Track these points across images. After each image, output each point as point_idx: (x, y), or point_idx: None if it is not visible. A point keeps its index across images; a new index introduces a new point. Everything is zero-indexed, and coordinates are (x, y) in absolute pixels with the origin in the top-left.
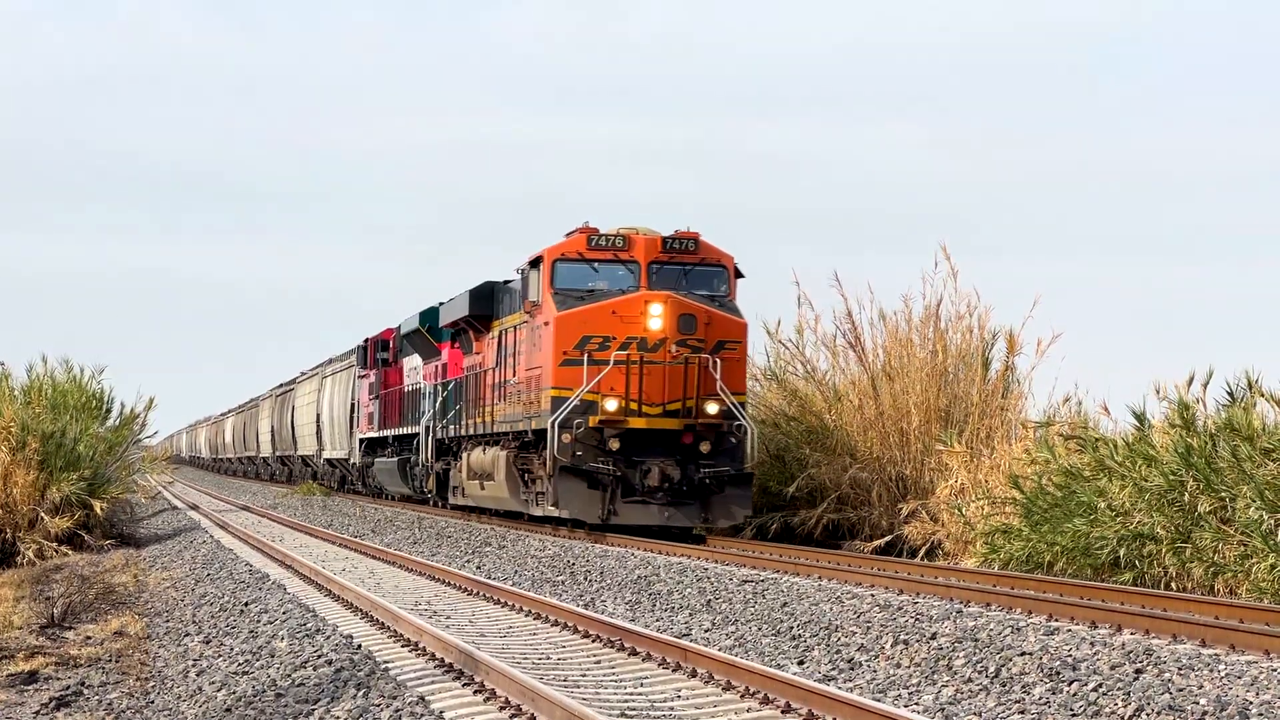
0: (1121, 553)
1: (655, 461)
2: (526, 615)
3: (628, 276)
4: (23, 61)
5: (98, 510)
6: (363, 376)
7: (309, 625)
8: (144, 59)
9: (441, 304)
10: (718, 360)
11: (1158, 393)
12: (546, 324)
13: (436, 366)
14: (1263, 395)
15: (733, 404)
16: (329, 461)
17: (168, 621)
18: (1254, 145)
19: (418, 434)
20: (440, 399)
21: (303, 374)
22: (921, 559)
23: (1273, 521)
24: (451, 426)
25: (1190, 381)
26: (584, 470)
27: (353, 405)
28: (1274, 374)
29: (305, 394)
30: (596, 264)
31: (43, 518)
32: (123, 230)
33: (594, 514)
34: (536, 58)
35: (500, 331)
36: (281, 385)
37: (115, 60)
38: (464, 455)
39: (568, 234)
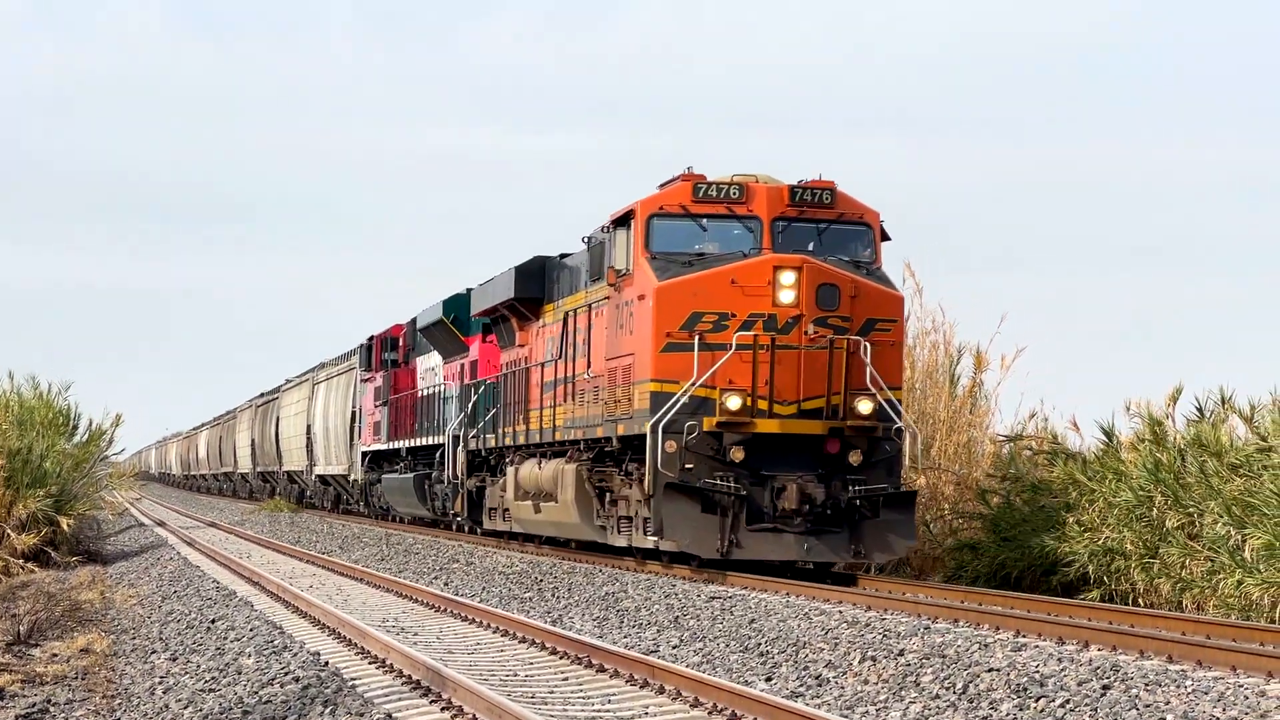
0: (1090, 568)
1: (791, 477)
2: (494, 632)
3: (745, 236)
4: None
5: (64, 527)
6: (366, 380)
7: (276, 642)
8: (113, 70)
9: (470, 289)
10: (868, 344)
11: (1128, 409)
12: (641, 298)
13: (462, 365)
14: (1235, 411)
15: (889, 401)
16: (322, 478)
17: (134, 639)
18: (1222, 158)
19: (440, 445)
20: (470, 403)
21: (289, 381)
22: (888, 574)
23: (1240, 537)
24: (488, 436)
25: (1176, 398)
26: (696, 489)
27: (353, 413)
28: (1244, 389)
29: (292, 403)
30: (705, 220)
31: (9, 534)
32: (91, 244)
33: (710, 546)
34: (515, 70)
35: (564, 315)
36: (263, 395)
37: (82, 72)
38: (509, 470)
39: (662, 185)
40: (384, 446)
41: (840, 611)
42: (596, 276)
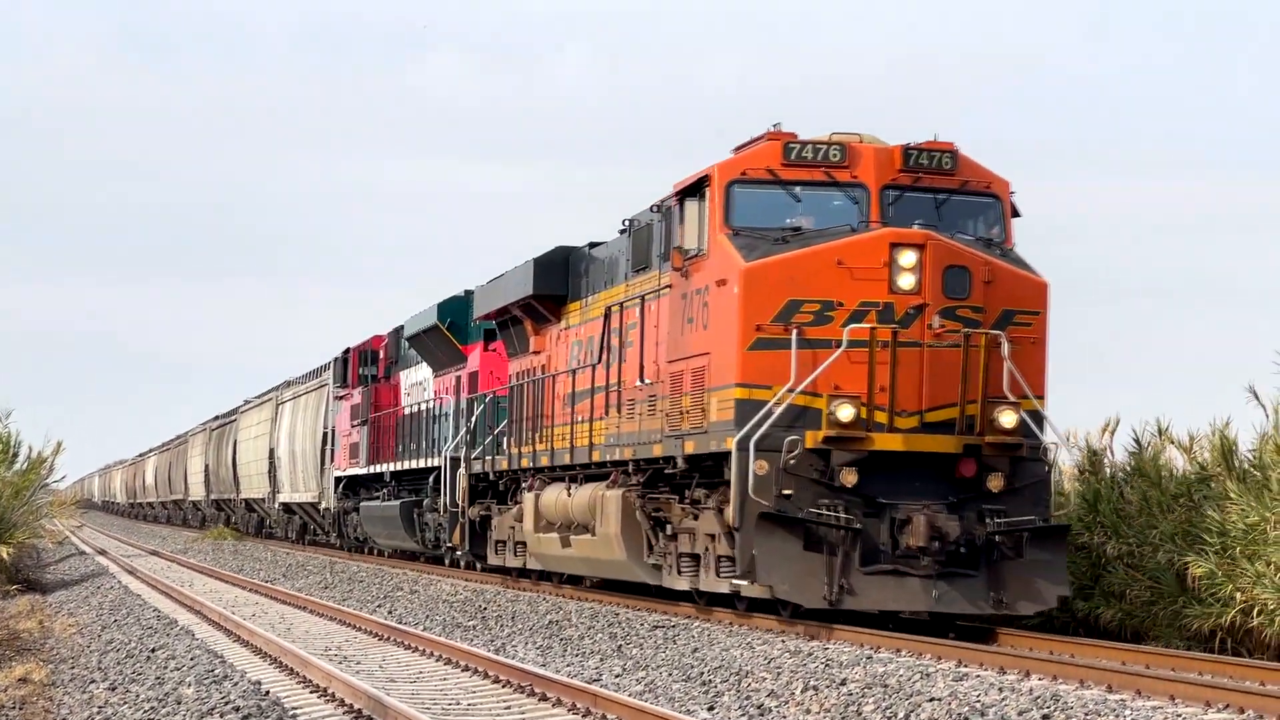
0: None
1: (915, 506)
2: (437, 660)
3: (847, 208)
4: None
5: (3, 555)
6: (342, 397)
7: (217, 671)
8: (51, 98)
9: (469, 291)
10: (1007, 341)
11: (1068, 439)
12: (721, 283)
13: (459, 377)
14: (1172, 442)
15: (1033, 412)
16: (286, 507)
17: (73, 668)
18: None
19: (432, 469)
20: (471, 420)
21: (247, 402)
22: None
23: (1182, 565)
24: (496, 457)
25: (1114, 429)
26: (798, 520)
27: (325, 435)
28: (1181, 421)
29: (252, 424)
30: (798, 188)
31: None
32: (33, 271)
33: (814, 593)
34: (456, 105)
35: (605, 310)
36: (219, 417)
37: (18, 100)
38: (527, 497)
39: (738, 148)
40: (363, 471)
41: (783, 641)
42: (641, 265)
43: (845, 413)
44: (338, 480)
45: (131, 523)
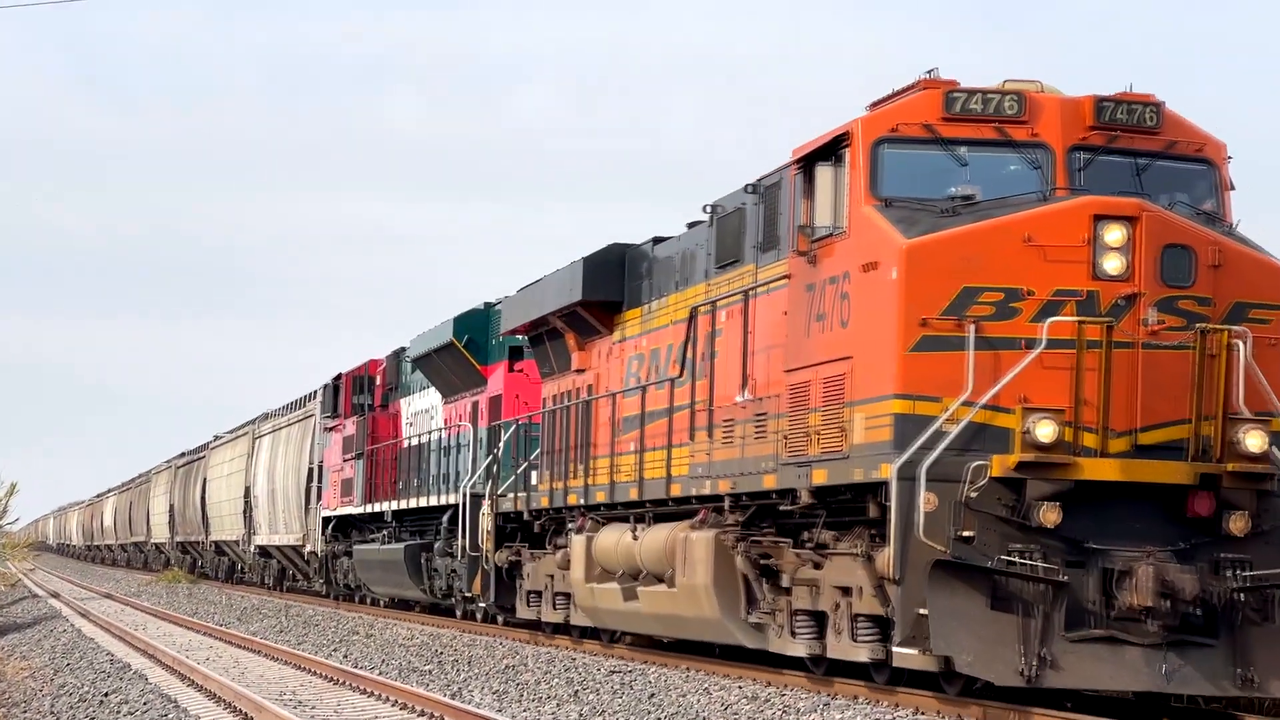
0: None
1: (1137, 554)
2: (393, 705)
3: (1025, 175)
4: None
5: None
6: (333, 428)
7: (170, 717)
8: (15, 134)
9: (490, 304)
10: (1247, 341)
11: None
12: (870, 267)
13: (476, 402)
14: None
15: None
16: (264, 550)
17: (25, 713)
18: None
19: (447, 506)
20: (495, 450)
21: (218, 437)
22: None
23: None
24: (531, 494)
25: None
26: (983, 571)
27: (310, 471)
28: None
29: (224, 461)
30: (963, 148)
31: None
32: None
33: (1008, 665)
34: (422, 140)
35: (693, 311)
36: (185, 454)
37: None
38: (576, 540)
39: (876, 104)
40: (357, 510)
41: (740, 687)
42: (729, 259)
43: (1046, 431)
44: (326, 521)
45: (85, 565)
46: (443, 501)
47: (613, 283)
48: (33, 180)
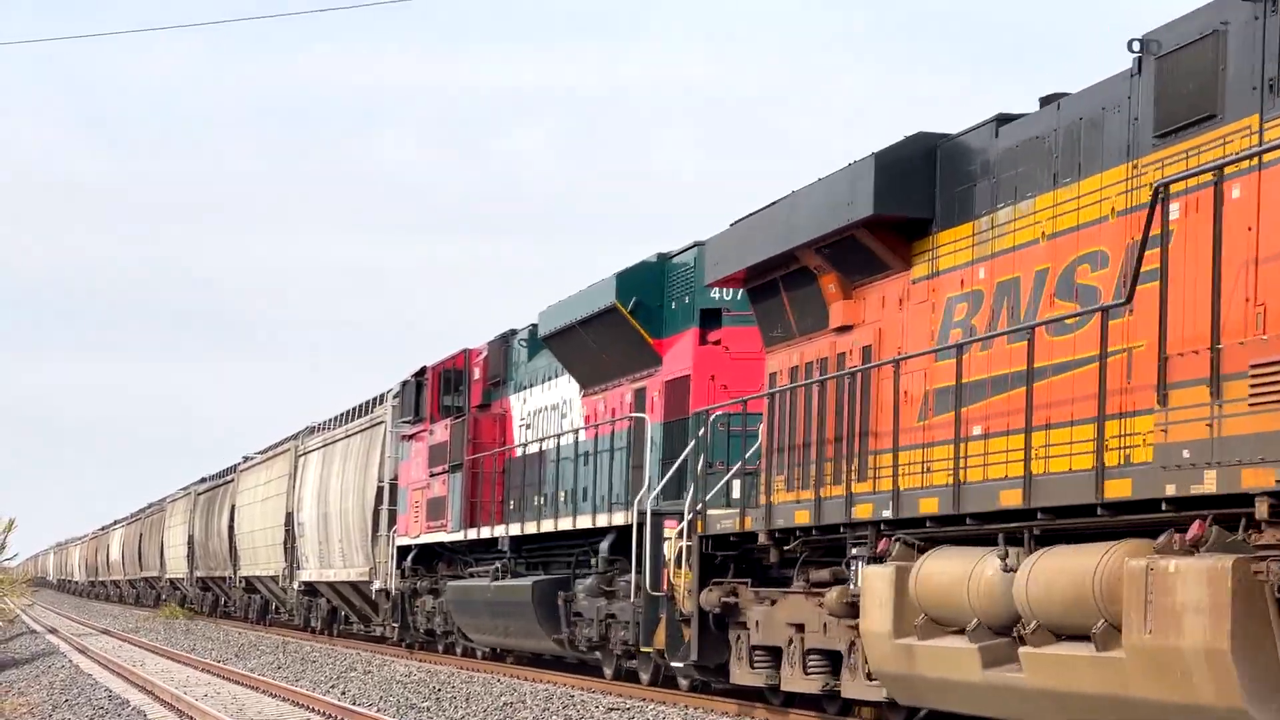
0: None
1: None
2: None
3: None
4: None
5: None
6: (412, 436)
7: None
8: (10, 175)
9: (664, 255)
10: None
11: None
12: None
13: (636, 391)
14: None
15: None
16: (311, 587)
17: None
18: None
19: (595, 531)
20: (702, 451)
21: (249, 459)
22: None
23: None
24: (770, 507)
25: None
26: None
27: (380, 490)
28: None
29: (257, 485)
30: None
31: None
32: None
33: None
34: (410, 180)
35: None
36: (207, 479)
37: None
38: (876, 573)
39: None
40: (453, 537)
41: None
42: (1189, 119)
43: None
44: (402, 551)
45: (83, 601)
46: (591, 523)
47: (919, 190)
48: (37, 220)
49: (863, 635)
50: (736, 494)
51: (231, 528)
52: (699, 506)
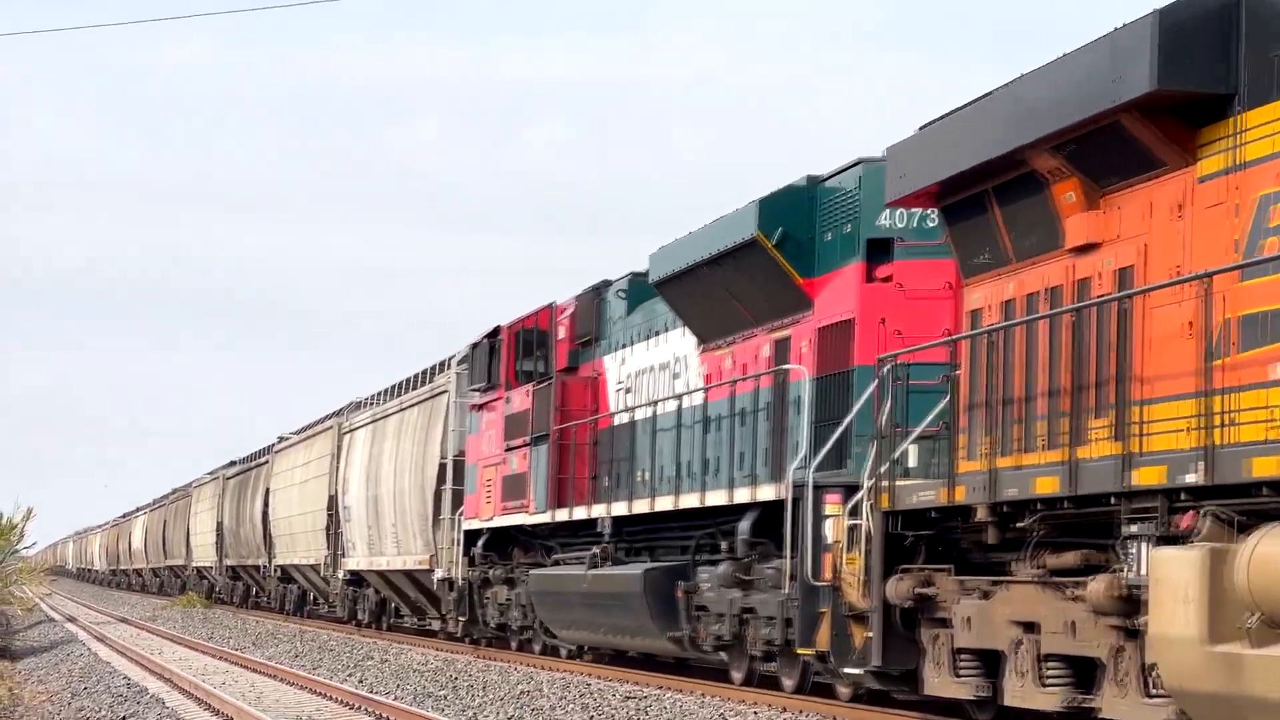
0: None
1: None
2: None
3: None
4: None
5: None
6: (483, 406)
7: None
8: (36, 166)
9: (813, 177)
10: None
11: None
12: None
13: (777, 342)
14: None
15: None
16: (358, 575)
17: None
18: None
19: (718, 510)
20: (884, 408)
21: (284, 439)
22: None
23: None
24: (994, 478)
25: None
26: None
27: (443, 468)
28: None
29: (296, 466)
30: None
31: None
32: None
33: None
34: (436, 174)
35: None
36: (236, 463)
37: (12, 173)
38: (1164, 559)
39: None
40: (538, 519)
41: (755, 713)
42: None
43: None
44: (470, 536)
45: (102, 590)
46: (737, 499)
47: (1214, 59)
48: (58, 209)
49: (1152, 640)
50: (913, 462)
51: (265, 513)
52: (877, 476)
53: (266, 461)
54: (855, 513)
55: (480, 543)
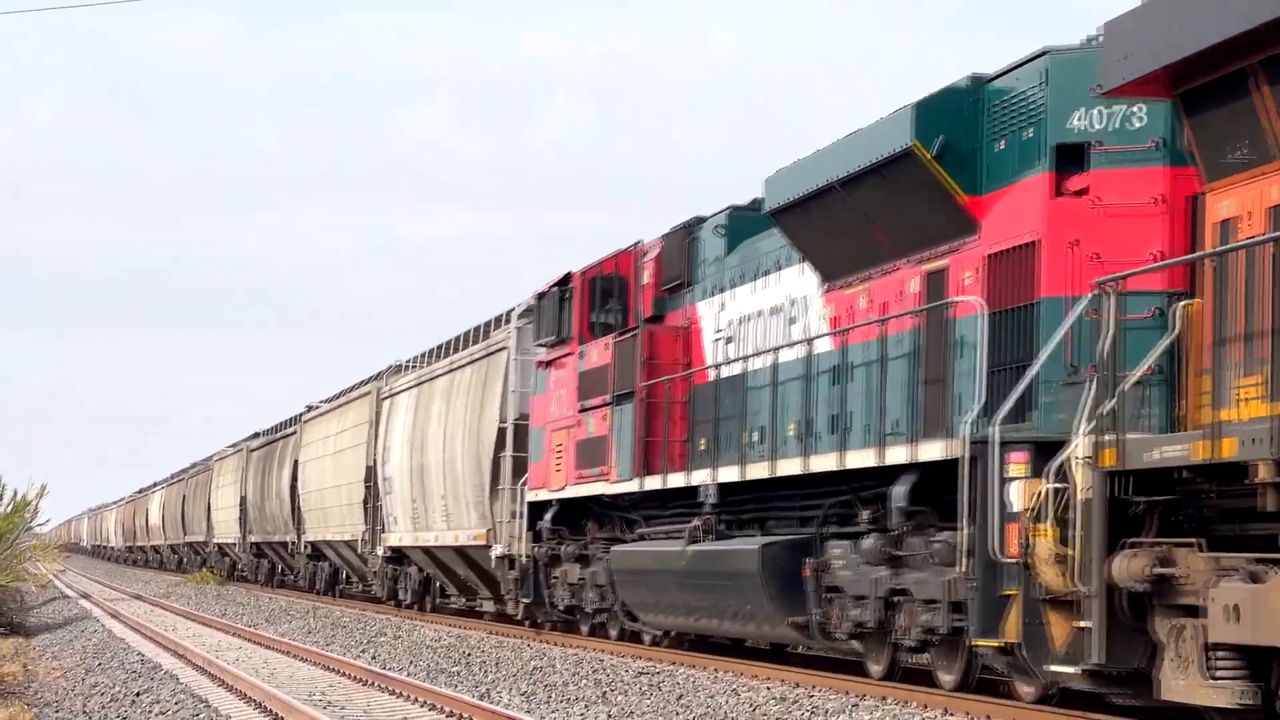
0: None
1: None
2: (421, 705)
3: None
4: None
5: None
6: (549, 364)
7: (201, 716)
8: (36, 152)
9: (977, 77)
10: None
11: None
12: None
13: (929, 275)
14: None
15: None
16: (400, 552)
17: (57, 712)
18: None
19: (897, 469)
20: (1103, 348)
21: (313, 408)
22: None
23: None
24: None
25: None
26: None
27: (502, 432)
28: None
29: (329, 435)
30: None
31: None
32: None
33: None
34: (452, 154)
35: None
36: (261, 434)
37: (13, 166)
38: None
39: None
40: (617, 488)
41: (769, 688)
42: None
43: None
44: (534, 509)
45: (115, 567)
46: (890, 459)
47: None
48: (68, 195)
49: None
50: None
51: (294, 486)
52: (1097, 426)
53: (294, 432)
54: (1052, 475)
55: (548, 515)
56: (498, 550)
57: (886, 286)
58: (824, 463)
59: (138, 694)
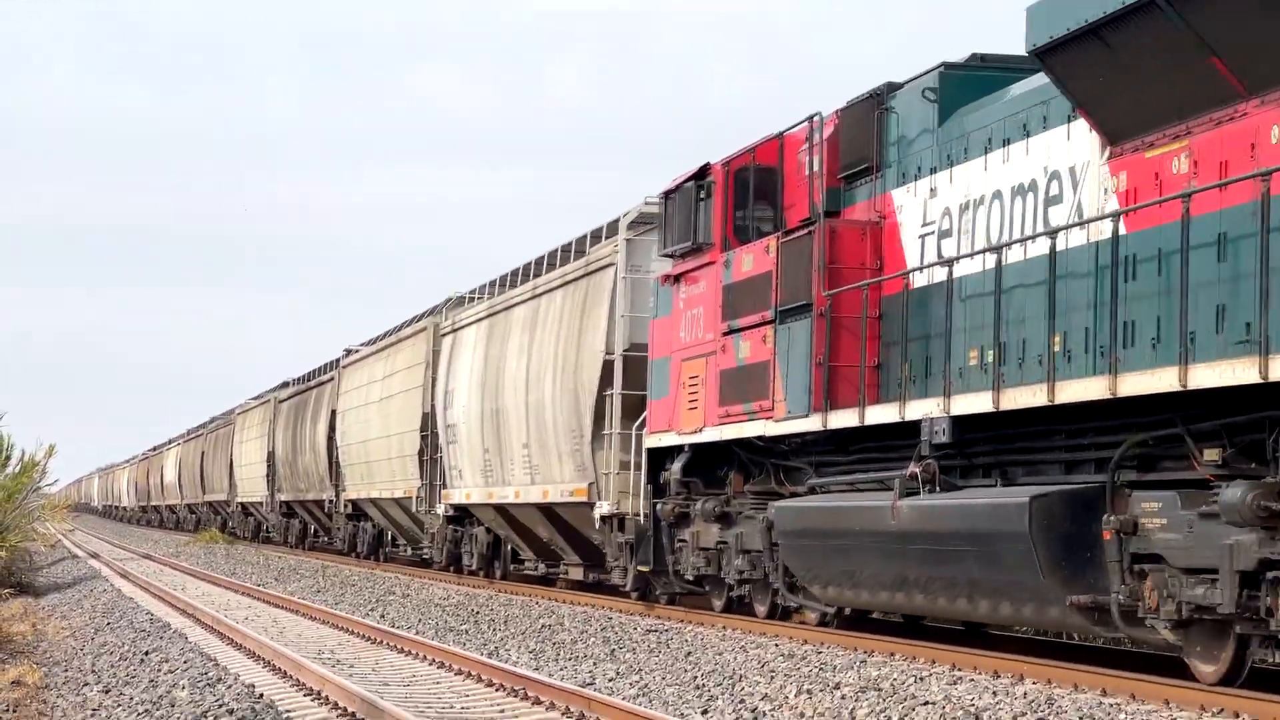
0: None
1: None
2: (430, 664)
3: None
4: None
5: None
6: (680, 277)
7: (211, 674)
8: (47, 114)
9: None
10: None
11: None
12: None
13: None
14: None
15: None
16: (464, 511)
17: (66, 671)
18: None
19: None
20: None
21: (351, 352)
22: None
23: None
24: None
25: None
26: None
27: (608, 365)
28: None
29: (371, 383)
30: None
31: None
32: (28, 279)
33: None
34: (457, 114)
35: None
36: (291, 383)
37: (9, 109)
38: None
39: None
40: (789, 427)
41: (776, 645)
42: None
43: None
44: (655, 457)
45: (124, 526)
46: (1270, 374)
47: None
48: (80, 156)
49: None
50: None
51: (331, 439)
52: None
53: (331, 378)
54: None
55: (676, 465)
56: (604, 508)
57: (1224, 139)
58: (1148, 383)
59: (146, 653)
